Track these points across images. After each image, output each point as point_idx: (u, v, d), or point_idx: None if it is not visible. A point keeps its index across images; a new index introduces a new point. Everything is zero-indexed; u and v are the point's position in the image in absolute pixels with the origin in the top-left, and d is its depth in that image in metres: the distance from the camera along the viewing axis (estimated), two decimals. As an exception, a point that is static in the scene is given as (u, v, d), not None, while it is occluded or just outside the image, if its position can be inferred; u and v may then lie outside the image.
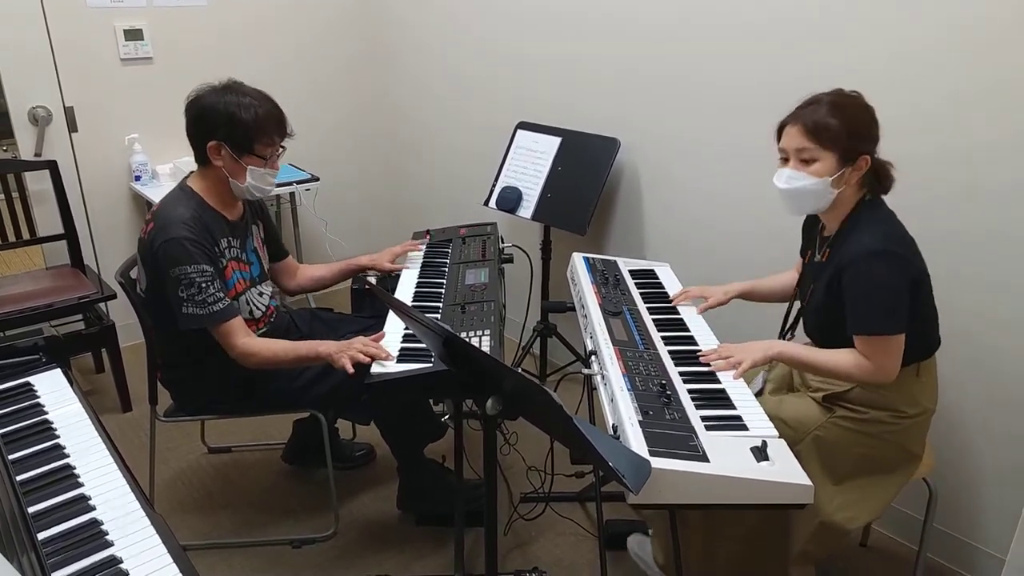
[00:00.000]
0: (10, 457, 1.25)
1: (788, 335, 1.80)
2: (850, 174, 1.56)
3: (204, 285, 1.81)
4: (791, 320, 1.82)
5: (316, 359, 1.88)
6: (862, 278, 1.52)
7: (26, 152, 2.88)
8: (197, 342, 1.91)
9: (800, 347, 1.65)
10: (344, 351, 1.77)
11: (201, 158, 1.89)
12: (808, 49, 2.04)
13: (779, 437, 1.39)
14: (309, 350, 1.88)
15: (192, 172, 1.96)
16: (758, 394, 1.67)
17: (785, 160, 1.61)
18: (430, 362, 1.69)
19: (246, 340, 1.88)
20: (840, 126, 1.52)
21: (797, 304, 1.80)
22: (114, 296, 2.72)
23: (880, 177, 1.61)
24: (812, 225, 1.80)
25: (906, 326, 1.52)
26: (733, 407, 1.49)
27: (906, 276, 1.52)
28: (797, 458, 1.41)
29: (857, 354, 1.56)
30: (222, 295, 1.85)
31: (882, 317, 1.51)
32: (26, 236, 2.87)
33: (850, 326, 1.55)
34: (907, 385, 1.61)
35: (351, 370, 1.74)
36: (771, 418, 1.46)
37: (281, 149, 1.93)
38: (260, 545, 2.16)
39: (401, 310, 1.51)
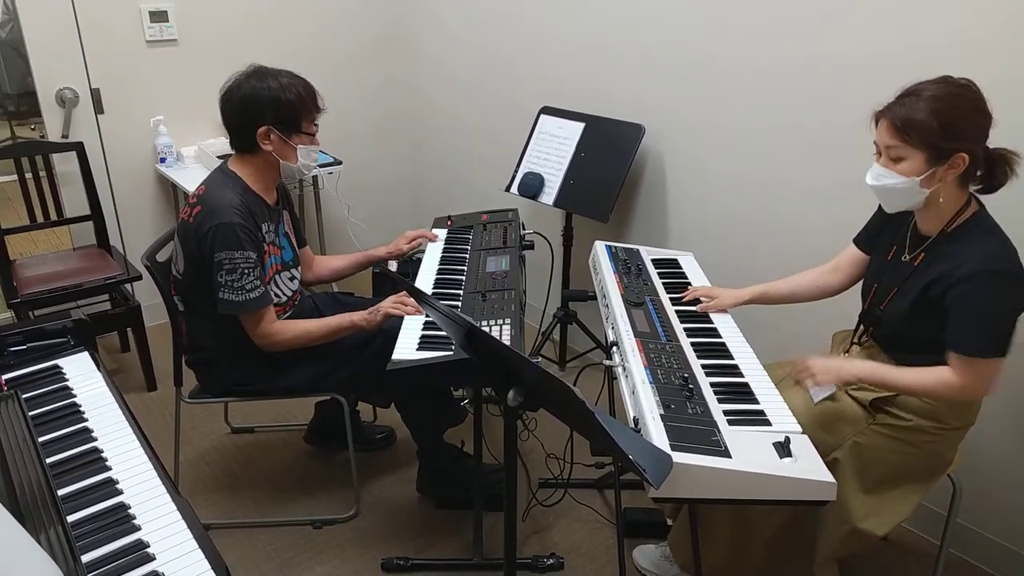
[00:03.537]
0: (40, 439, 1.28)
1: (862, 341, 1.72)
2: (944, 172, 1.44)
3: (246, 271, 1.84)
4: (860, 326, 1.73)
5: (351, 328, 1.95)
6: (977, 297, 1.42)
7: (53, 133, 2.91)
8: (225, 325, 1.95)
9: (879, 366, 1.58)
10: (376, 311, 1.90)
11: (247, 145, 1.90)
12: (841, 30, 1.99)
13: (802, 432, 1.38)
14: (341, 321, 1.95)
15: (230, 156, 1.98)
16: (830, 398, 1.63)
17: (879, 154, 1.52)
18: (451, 350, 1.69)
19: (276, 324, 1.93)
20: (931, 123, 1.40)
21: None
22: (140, 277, 2.75)
23: (992, 171, 1.48)
24: (893, 219, 1.68)
25: (1008, 350, 1.45)
26: (756, 401, 1.48)
27: (1021, 299, 1.45)
28: (834, 465, 1.36)
29: (944, 372, 1.48)
30: (259, 283, 1.88)
31: (990, 340, 1.43)
32: (53, 217, 2.91)
33: (951, 341, 1.47)
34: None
35: (395, 313, 1.87)
36: (807, 423, 1.43)
37: (317, 125, 1.97)
38: (282, 525, 2.19)
39: (422, 299, 1.51)
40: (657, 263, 2.10)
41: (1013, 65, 1.69)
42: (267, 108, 1.84)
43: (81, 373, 1.51)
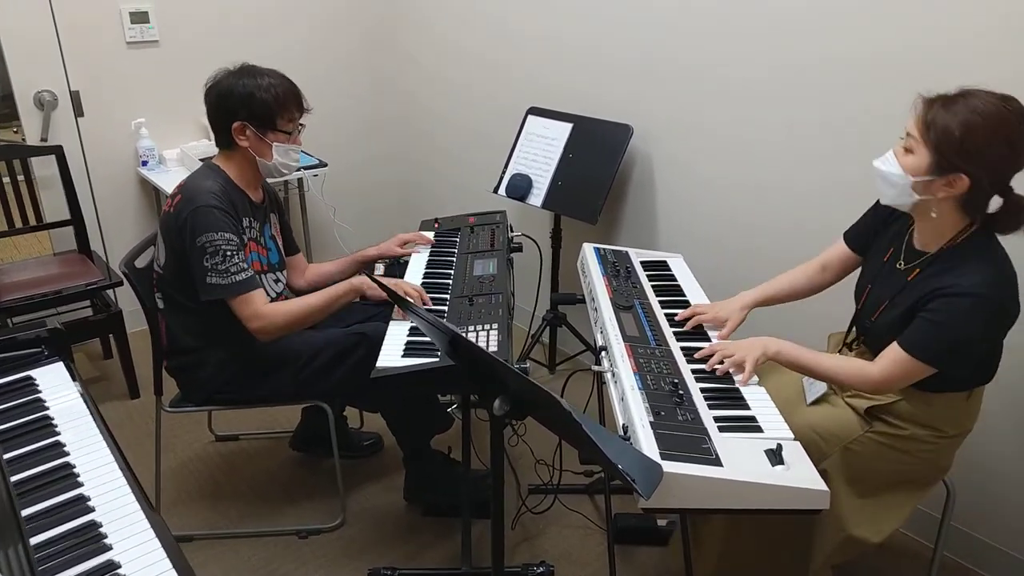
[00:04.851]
0: (7, 456, 1.23)
1: (853, 345, 1.68)
2: (939, 187, 1.38)
3: (229, 254, 1.82)
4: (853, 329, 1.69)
5: (351, 292, 1.94)
6: (951, 310, 1.38)
7: (32, 137, 2.85)
8: (207, 325, 1.92)
9: (798, 347, 1.57)
10: (398, 284, 1.92)
11: (225, 141, 1.92)
12: (835, 31, 1.97)
13: (794, 440, 1.35)
14: (337, 289, 1.94)
15: (216, 154, 1.98)
16: (822, 398, 1.62)
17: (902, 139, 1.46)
18: (437, 356, 1.66)
19: (268, 306, 1.90)
20: (954, 131, 1.33)
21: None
22: (121, 283, 2.69)
23: (1008, 215, 1.41)
24: (890, 221, 1.63)
25: (955, 370, 1.44)
26: (747, 407, 1.45)
27: (997, 331, 1.43)
28: (823, 474, 1.33)
29: (864, 364, 1.48)
30: (245, 266, 1.86)
31: (943, 353, 1.41)
32: (33, 222, 2.85)
33: (904, 335, 1.44)
34: (956, 407, 1.54)
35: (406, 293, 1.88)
36: (802, 428, 1.41)
37: (301, 125, 1.96)
38: (267, 535, 2.15)
39: (406, 306, 1.48)
40: (646, 265, 2.07)
41: (1014, 65, 1.66)
42: (241, 105, 1.86)
43: (55, 384, 1.46)
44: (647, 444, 1.29)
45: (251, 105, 1.86)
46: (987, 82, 1.39)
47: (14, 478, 1.18)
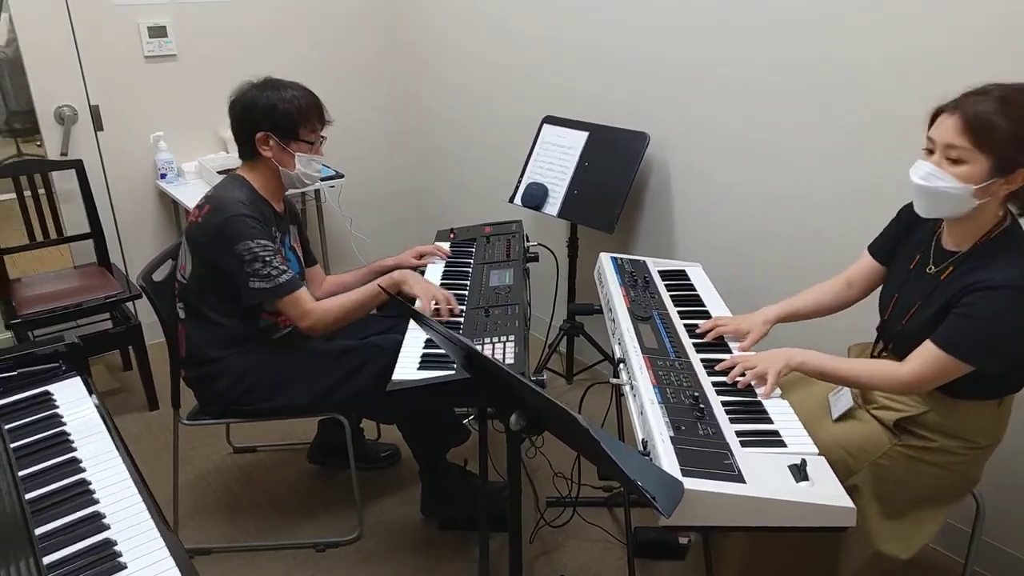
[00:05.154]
0: (23, 472, 1.23)
1: (881, 355, 1.64)
2: (1000, 186, 1.34)
3: (268, 258, 1.84)
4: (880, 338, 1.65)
5: (391, 287, 1.94)
6: (988, 304, 1.35)
7: (52, 151, 2.88)
8: (228, 335, 1.93)
9: (822, 356, 1.54)
10: (428, 289, 1.91)
11: (249, 152, 1.95)
12: (850, 32, 1.93)
13: (819, 454, 1.32)
14: (369, 289, 1.96)
15: (239, 166, 2.01)
16: (847, 413, 1.58)
17: (930, 152, 1.39)
18: (453, 369, 1.64)
19: (316, 304, 1.92)
20: (1006, 128, 1.29)
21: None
22: (140, 295, 2.71)
23: None
24: (915, 226, 1.59)
25: (991, 367, 1.40)
26: (770, 421, 1.41)
27: None
28: (853, 491, 1.30)
29: (892, 366, 1.45)
30: (285, 268, 1.88)
31: (978, 348, 1.37)
32: (53, 235, 2.87)
33: (938, 332, 1.40)
34: (987, 415, 1.50)
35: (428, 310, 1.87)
36: (827, 443, 1.37)
37: (323, 137, 1.99)
38: (284, 548, 2.14)
39: (421, 320, 1.47)
40: (664, 275, 2.04)
41: (1014, 65, 1.62)
42: (264, 116, 1.89)
43: (72, 399, 1.46)
44: (667, 460, 1.26)
45: (274, 116, 1.89)
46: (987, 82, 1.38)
47: (30, 495, 1.18)
